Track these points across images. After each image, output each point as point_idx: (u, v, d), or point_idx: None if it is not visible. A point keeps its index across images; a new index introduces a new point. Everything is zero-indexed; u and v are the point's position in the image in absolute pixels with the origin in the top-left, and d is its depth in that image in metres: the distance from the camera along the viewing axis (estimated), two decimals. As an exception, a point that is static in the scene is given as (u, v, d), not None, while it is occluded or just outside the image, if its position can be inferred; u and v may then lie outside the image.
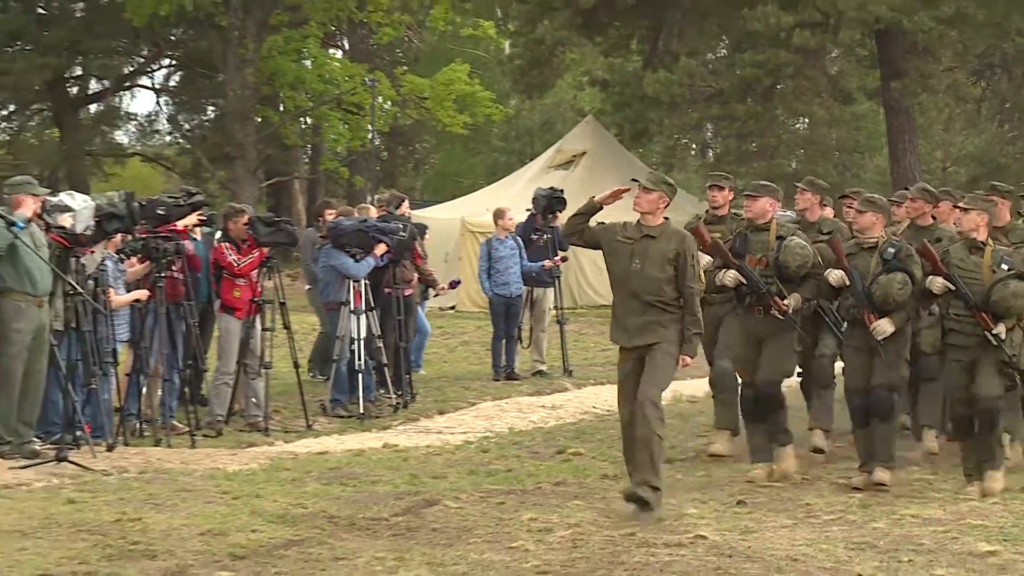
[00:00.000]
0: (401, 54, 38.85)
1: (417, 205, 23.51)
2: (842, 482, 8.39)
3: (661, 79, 25.62)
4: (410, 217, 13.15)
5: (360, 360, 11.31)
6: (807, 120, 28.03)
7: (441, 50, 36.49)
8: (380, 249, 11.45)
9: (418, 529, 7.00)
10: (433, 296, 14.56)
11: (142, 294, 10.05)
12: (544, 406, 12.29)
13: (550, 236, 13.87)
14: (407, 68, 34.37)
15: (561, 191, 14.21)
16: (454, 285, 14.95)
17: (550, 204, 13.93)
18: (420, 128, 37.77)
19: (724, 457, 9.15)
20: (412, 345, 12.69)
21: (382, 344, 11.62)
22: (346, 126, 31.74)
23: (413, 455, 9.52)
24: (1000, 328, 8.15)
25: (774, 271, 8.52)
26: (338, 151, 34.72)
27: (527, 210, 14.41)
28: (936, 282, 8.27)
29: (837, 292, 8.55)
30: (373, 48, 36.43)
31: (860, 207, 8.49)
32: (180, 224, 10.25)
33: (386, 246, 11.48)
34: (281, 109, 32.71)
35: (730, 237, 8.79)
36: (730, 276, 8.55)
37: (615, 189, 7.47)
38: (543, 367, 14.08)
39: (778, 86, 25.67)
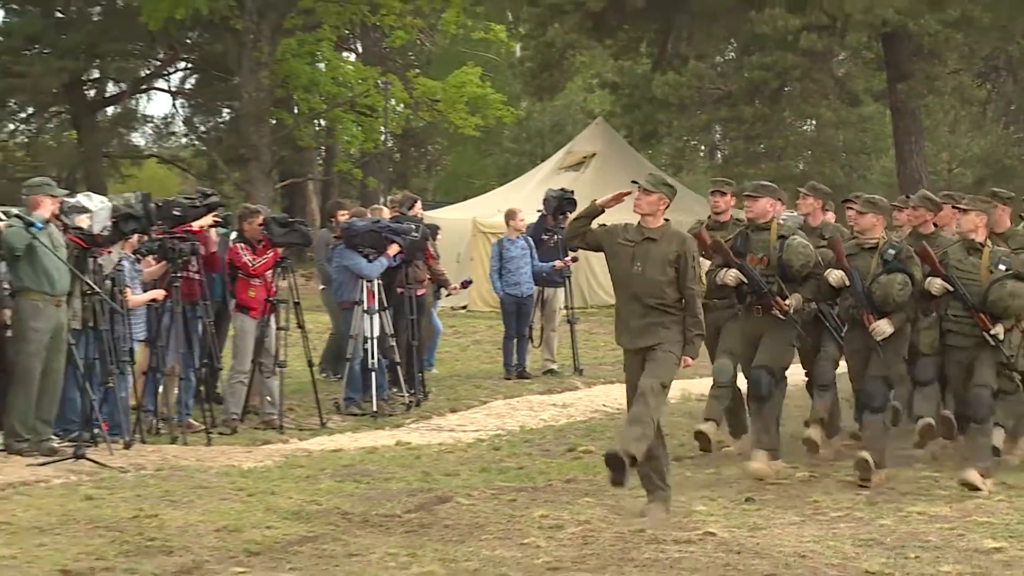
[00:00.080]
0: (414, 57, 38.91)
1: (429, 206, 23.56)
2: (849, 480, 8.39)
3: (670, 81, 25.67)
4: (422, 218, 13.20)
5: (373, 359, 11.34)
6: (814, 122, 28.06)
7: (453, 53, 36.54)
8: (393, 249, 11.47)
9: (431, 526, 7.02)
10: (445, 296, 14.61)
11: (158, 294, 10.08)
12: (555, 404, 12.33)
13: (561, 237, 13.92)
14: (420, 71, 34.44)
15: (571, 192, 14.19)
16: (466, 285, 14.97)
17: (561, 205, 13.94)
18: (432, 130, 37.82)
19: (712, 440, 9.04)
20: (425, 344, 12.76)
21: (395, 343, 11.65)
22: (359, 128, 31.80)
23: (426, 453, 9.56)
24: (998, 329, 8.17)
25: (777, 270, 8.51)
26: (351, 153, 34.79)
27: (538, 211, 14.42)
28: (935, 283, 8.28)
29: (837, 292, 8.54)
30: (386, 51, 36.49)
31: (861, 208, 8.50)
32: (196, 225, 10.27)
33: (399, 246, 11.50)
34: (295, 111, 32.77)
35: (729, 238, 8.79)
36: (731, 275, 8.54)
37: (617, 192, 7.43)
38: (554, 366, 14.12)
39: (786, 88, 25.68)
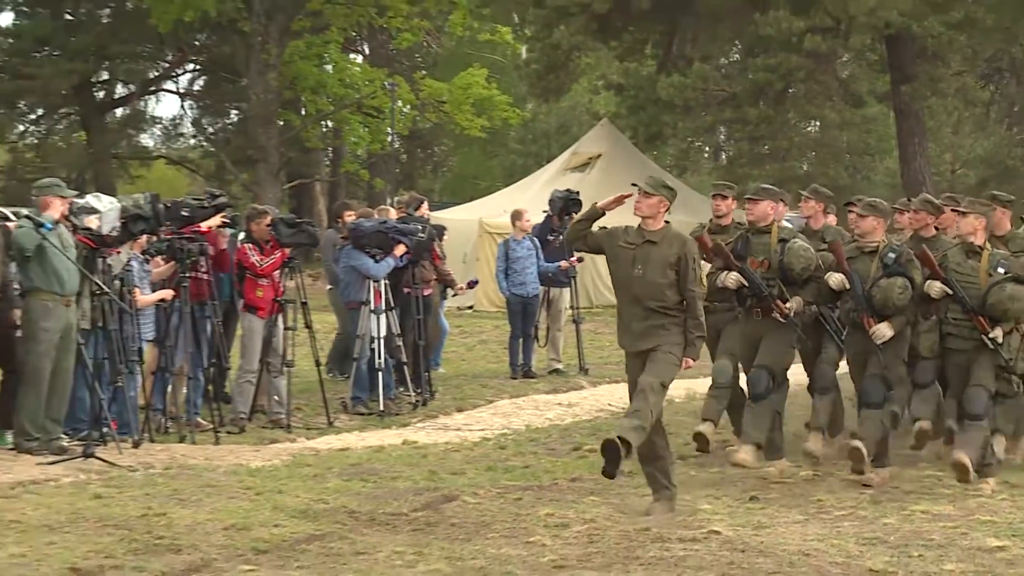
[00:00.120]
0: (420, 59, 38.94)
1: (436, 207, 23.57)
2: (853, 479, 8.42)
3: (675, 83, 25.75)
4: (429, 219, 13.22)
5: (380, 359, 11.37)
6: (818, 123, 28.10)
7: (459, 55, 36.61)
8: (400, 250, 11.50)
9: (437, 524, 7.05)
10: (452, 296, 14.66)
11: (167, 294, 10.13)
12: (560, 404, 12.38)
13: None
14: (426, 72, 34.53)
15: (577, 193, 14.21)
16: (472, 285, 15.00)
17: (566, 206, 13.97)
18: (439, 131, 37.87)
19: (710, 441, 8.98)
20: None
21: (401, 343, 11.69)
22: (366, 129, 31.86)
23: (432, 451, 9.59)
24: (997, 332, 8.17)
25: (778, 273, 8.49)
26: (358, 154, 34.85)
27: (544, 211, 14.44)
28: (934, 286, 8.28)
29: (838, 295, 8.54)
30: (393, 53, 36.51)
31: (861, 211, 8.49)
32: (204, 225, 10.29)
33: (405, 247, 11.53)
34: (303, 113, 32.83)
35: (730, 241, 8.76)
36: (732, 278, 8.53)
37: (618, 195, 7.40)
38: (559, 365, 14.17)
39: (790, 90, 25.74)
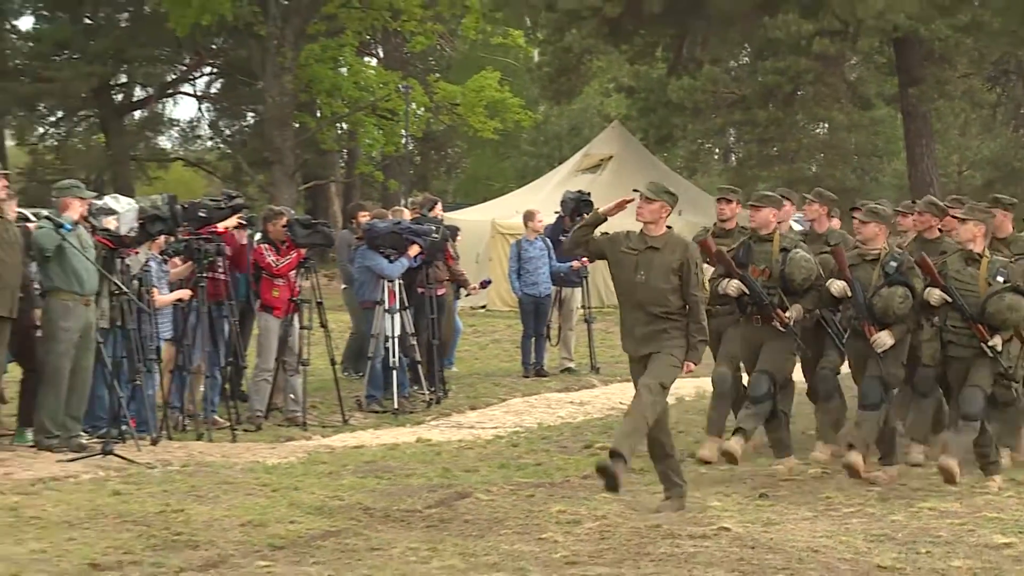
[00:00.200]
0: (434, 62, 39.07)
1: (449, 208, 23.66)
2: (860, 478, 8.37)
3: (685, 86, 25.83)
4: (442, 219, 13.27)
5: (394, 357, 11.43)
6: (827, 125, 28.17)
7: (472, 58, 36.70)
8: (413, 250, 11.55)
9: (450, 521, 7.07)
10: (465, 296, 14.71)
11: (185, 294, 10.19)
12: (572, 402, 12.44)
13: (575, 240, 13.99)
14: (440, 75, 34.66)
15: (588, 194, 14.18)
16: (485, 285, 15.02)
17: (578, 206, 13.96)
18: (452, 133, 37.98)
19: (712, 462, 8.72)
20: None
21: (415, 342, 11.74)
22: (381, 131, 31.98)
23: (446, 449, 9.65)
24: (996, 340, 8.16)
25: (779, 283, 8.49)
26: (373, 155, 34.97)
27: (556, 212, 14.46)
28: (933, 294, 8.26)
29: (839, 301, 8.55)
30: (407, 56, 36.62)
31: (863, 217, 8.47)
32: (221, 226, 10.36)
33: (419, 247, 11.59)
34: (318, 115, 32.98)
35: (732, 248, 8.77)
36: (733, 286, 8.51)
37: (619, 200, 7.35)
38: (571, 364, 14.22)
39: (799, 92, 25.83)
